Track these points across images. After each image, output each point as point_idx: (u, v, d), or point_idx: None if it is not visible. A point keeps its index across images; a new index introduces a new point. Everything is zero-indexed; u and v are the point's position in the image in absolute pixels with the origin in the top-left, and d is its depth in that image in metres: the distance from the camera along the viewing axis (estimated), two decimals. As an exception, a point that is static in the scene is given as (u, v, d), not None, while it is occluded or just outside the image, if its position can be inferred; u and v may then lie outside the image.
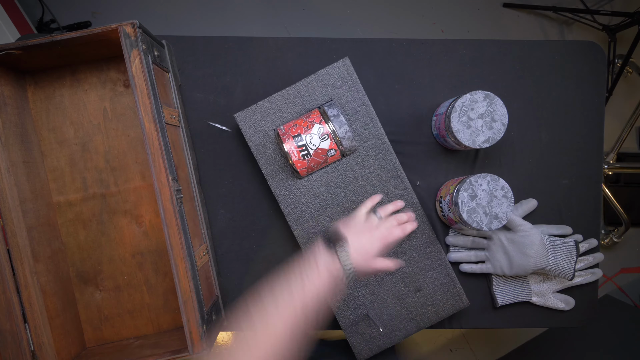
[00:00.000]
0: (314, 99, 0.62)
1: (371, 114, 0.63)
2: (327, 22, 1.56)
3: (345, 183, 0.63)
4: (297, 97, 0.62)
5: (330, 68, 0.62)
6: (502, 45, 0.68)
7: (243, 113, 0.62)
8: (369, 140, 0.63)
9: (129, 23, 0.51)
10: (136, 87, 0.51)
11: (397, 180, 0.63)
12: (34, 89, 0.63)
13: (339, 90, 0.62)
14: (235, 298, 0.68)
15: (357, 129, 0.62)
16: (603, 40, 1.53)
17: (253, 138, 0.63)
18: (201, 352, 0.53)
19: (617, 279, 1.57)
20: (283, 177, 0.63)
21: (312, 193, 0.63)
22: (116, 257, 0.66)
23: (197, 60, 0.67)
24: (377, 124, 0.63)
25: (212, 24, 1.53)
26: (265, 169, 0.63)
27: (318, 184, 0.63)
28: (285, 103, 0.62)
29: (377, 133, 0.63)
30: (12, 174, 0.56)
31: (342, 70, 0.62)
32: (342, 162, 0.62)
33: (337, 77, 0.62)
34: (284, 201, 0.63)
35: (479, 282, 0.69)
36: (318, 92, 0.62)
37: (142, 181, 0.65)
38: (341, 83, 0.62)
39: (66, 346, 0.60)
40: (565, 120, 0.69)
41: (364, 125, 0.62)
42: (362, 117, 0.62)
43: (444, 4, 1.58)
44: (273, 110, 0.62)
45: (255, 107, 0.62)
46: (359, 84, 0.62)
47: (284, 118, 0.62)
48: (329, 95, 0.62)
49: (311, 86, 0.62)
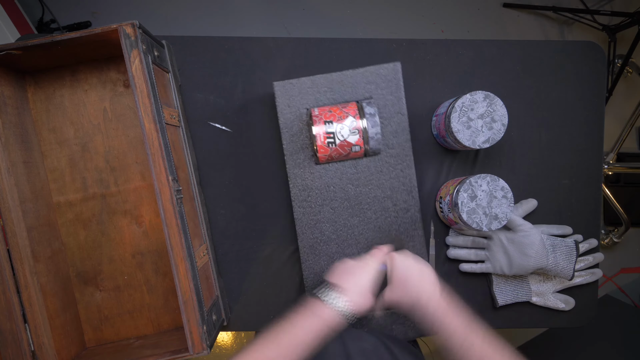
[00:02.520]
0: (355, 92, 0.62)
1: (404, 124, 0.62)
2: (327, 22, 1.56)
3: (358, 182, 0.63)
4: (339, 85, 0.62)
5: (380, 67, 0.62)
6: (502, 45, 0.68)
7: (282, 83, 0.62)
8: (395, 148, 0.62)
9: (129, 23, 0.51)
10: (136, 88, 0.51)
11: (408, 195, 0.63)
12: (34, 89, 0.63)
13: (381, 91, 0.62)
14: (235, 298, 0.68)
15: (386, 134, 0.62)
16: (603, 40, 1.53)
17: (285, 111, 0.62)
18: (201, 353, 0.53)
19: (617, 279, 1.57)
20: (301, 158, 0.63)
21: (323, 181, 0.63)
22: (116, 257, 0.66)
23: (197, 60, 0.67)
24: (407, 135, 0.62)
25: (212, 24, 1.53)
26: (287, 145, 0.62)
27: (332, 175, 0.63)
28: (326, 87, 0.62)
29: (404, 144, 0.62)
30: (12, 174, 0.56)
31: (390, 73, 0.62)
32: (362, 161, 0.62)
33: (384, 77, 0.62)
34: (294, 180, 0.63)
35: (479, 282, 0.69)
36: (361, 86, 0.62)
37: (142, 181, 0.65)
38: (385, 85, 0.62)
39: (66, 346, 0.60)
40: (565, 120, 0.69)
41: (395, 132, 0.62)
42: (395, 124, 0.62)
43: (444, 4, 1.58)
44: (312, 90, 0.62)
45: (295, 81, 0.62)
46: (402, 92, 0.62)
47: (320, 101, 0.62)
48: (371, 92, 0.62)
49: (356, 79, 0.62)
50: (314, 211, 0.63)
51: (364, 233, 0.63)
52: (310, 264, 0.64)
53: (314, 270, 0.64)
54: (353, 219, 0.63)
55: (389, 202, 0.63)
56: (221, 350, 1.54)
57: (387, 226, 0.63)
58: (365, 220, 0.63)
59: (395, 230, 0.63)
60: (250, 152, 0.68)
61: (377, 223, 0.63)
